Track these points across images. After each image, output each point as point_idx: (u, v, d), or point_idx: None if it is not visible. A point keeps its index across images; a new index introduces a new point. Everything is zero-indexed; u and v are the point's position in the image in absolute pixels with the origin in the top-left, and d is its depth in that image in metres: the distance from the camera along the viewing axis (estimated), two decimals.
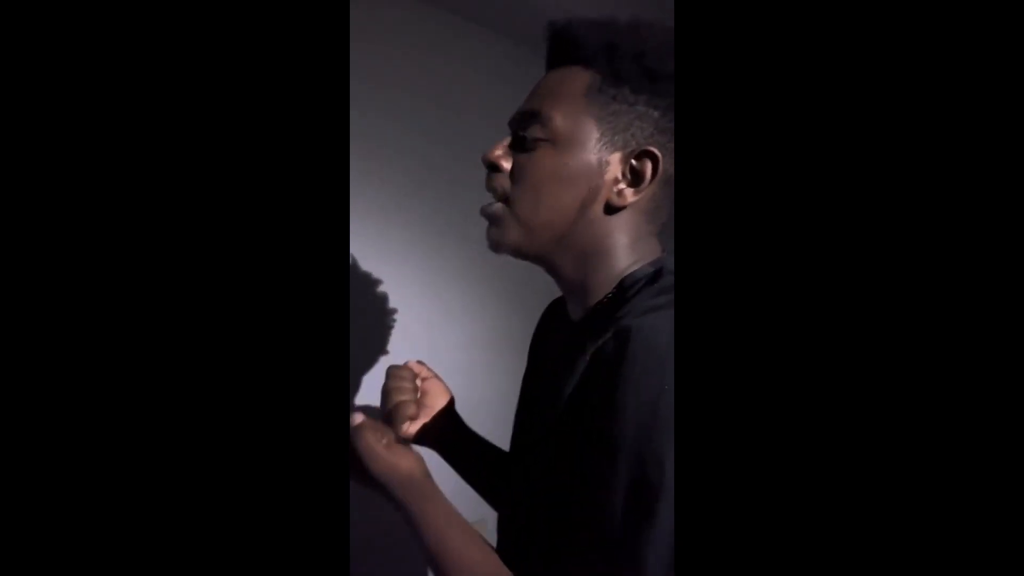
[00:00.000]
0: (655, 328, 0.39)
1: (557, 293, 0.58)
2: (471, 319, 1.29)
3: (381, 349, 1.12)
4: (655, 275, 0.47)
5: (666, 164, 0.47)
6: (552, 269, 0.52)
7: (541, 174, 0.48)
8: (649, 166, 0.47)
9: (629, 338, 0.39)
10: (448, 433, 0.64)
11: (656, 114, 0.48)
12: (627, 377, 0.38)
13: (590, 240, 0.49)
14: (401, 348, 1.12)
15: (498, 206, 0.50)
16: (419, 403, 0.62)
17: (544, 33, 0.53)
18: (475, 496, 0.67)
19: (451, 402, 0.64)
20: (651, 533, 0.36)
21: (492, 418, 0.78)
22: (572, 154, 0.47)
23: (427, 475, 0.46)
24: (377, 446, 0.45)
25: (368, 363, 1.09)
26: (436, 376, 0.65)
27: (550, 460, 0.46)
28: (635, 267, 0.49)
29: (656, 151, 0.47)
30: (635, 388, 0.38)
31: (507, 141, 0.51)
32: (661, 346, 0.38)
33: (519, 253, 0.51)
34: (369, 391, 1.07)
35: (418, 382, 0.63)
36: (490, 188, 0.51)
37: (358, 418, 0.47)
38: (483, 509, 0.68)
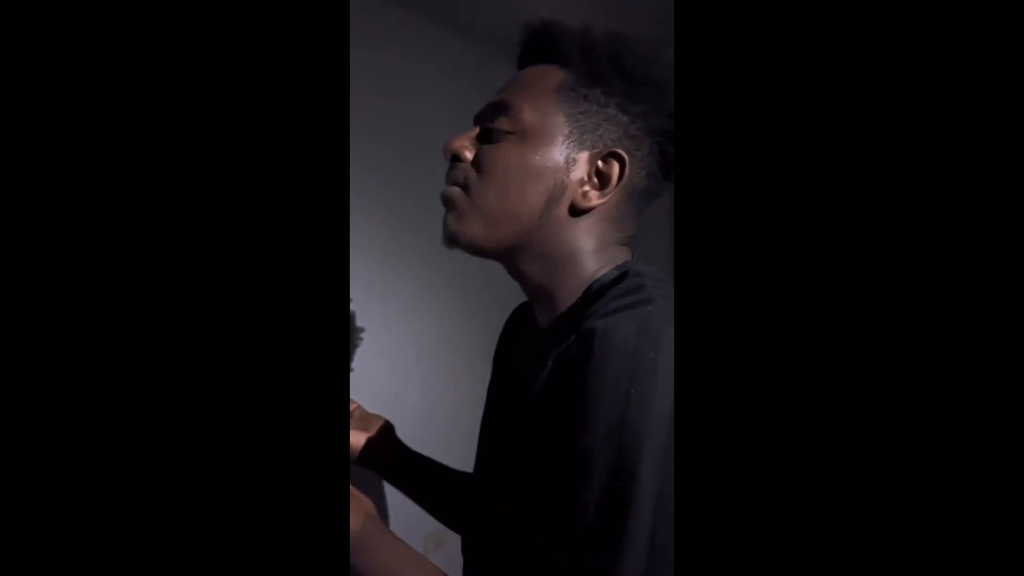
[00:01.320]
0: (619, 328, 0.37)
1: (519, 293, 0.55)
2: (430, 322, 1.25)
3: None
4: (619, 277, 0.45)
5: (632, 171, 0.47)
6: (516, 272, 0.50)
7: (506, 165, 0.46)
8: (616, 169, 0.47)
9: (593, 340, 0.37)
10: (390, 452, 0.64)
11: (626, 119, 0.47)
12: (592, 381, 0.36)
13: (555, 243, 0.47)
14: (356, 354, 1.09)
15: (456, 189, 0.48)
16: (352, 424, 0.63)
17: (519, 35, 0.51)
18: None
19: (389, 424, 0.65)
20: (622, 545, 0.34)
21: (456, 429, 0.75)
22: (539, 148, 0.46)
23: (373, 520, 0.42)
24: None
25: None
26: (367, 412, 0.67)
27: (517, 474, 0.44)
28: (601, 272, 0.48)
29: (623, 154, 0.46)
30: (601, 392, 0.36)
31: (473, 132, 0.50)
32: (626, 346, 0.36)
33: (476, 248, 0.48)
34: None
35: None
36: (452, 181, 0.49)
37: None
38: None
